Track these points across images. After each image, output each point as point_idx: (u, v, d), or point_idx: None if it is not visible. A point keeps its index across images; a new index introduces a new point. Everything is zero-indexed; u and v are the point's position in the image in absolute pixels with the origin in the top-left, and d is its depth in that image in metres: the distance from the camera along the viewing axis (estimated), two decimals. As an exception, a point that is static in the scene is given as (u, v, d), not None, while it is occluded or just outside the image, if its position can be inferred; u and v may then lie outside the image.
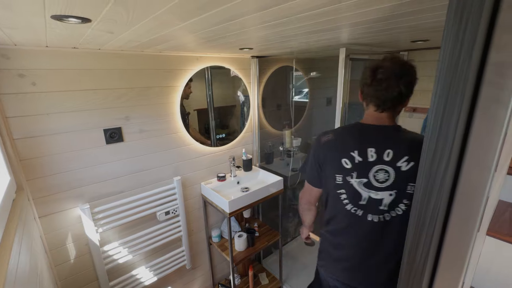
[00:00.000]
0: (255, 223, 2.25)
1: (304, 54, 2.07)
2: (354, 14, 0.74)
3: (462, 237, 0.45)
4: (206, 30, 0.90)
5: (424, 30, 1.03)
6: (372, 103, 0.96)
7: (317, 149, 1.06)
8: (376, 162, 0.92)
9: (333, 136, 1.03)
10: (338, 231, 1.04)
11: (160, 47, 1.32)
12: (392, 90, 0.90)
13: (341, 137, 1.01)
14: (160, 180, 1.72)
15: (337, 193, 1.00)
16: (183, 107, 1.76)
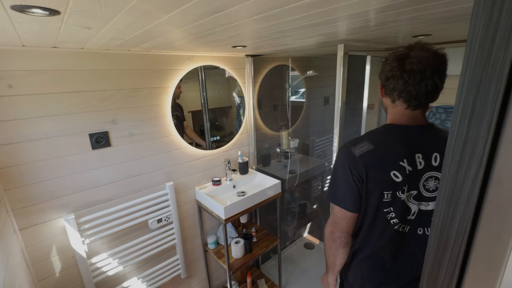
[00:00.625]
0: (253, 227, 2.18)
1: (300, 52, 2.00)
2: (350, 3, 0.67)
3: (492, 257, 0.38)
4: (193, 25, 0.82)
5: (427, 22, 0.96)
6: (402, 99, 0.82)
7: (352, 164, 0.83)
8: (425, 169, 0.81)
9: (371, 144, 0.83)
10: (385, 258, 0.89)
11: (147, 45, 1.24)
12: (426, 84, 0.76)
13: (382, 144, 0.84)
14: (152, 186, 1.63)
15: (383, 213, 0.84)
16: (179, 109, 1.68)
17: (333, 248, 0.94)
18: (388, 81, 0.83)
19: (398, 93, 0.82)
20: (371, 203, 0.84)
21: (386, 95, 0.88)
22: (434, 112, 1.80)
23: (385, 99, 0.90)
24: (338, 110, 1.39)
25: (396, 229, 0.85)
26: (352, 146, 0.85)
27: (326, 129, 2.82)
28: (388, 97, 0.87)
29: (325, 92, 2.75)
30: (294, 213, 2.68)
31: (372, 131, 0.90)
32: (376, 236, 0.88)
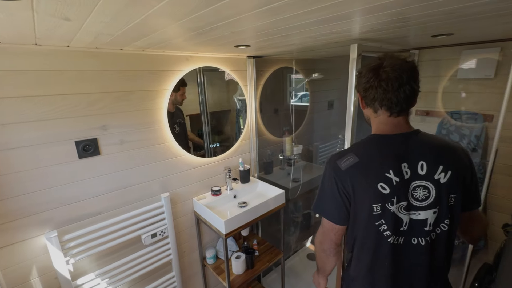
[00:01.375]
0: (254, 240, 2.04)
1: (305, 54, 1.89)
2: None
3: None
4: (192, 17, 0.70)
5: (462, 17, 0.85)
6: (384, 107, 0.82)
7: (338, 178, 0.83)
8: (412, 179, 0.79)
9: (356, 157, 0.82)
10: (382, 273, 0.86)
11: (141, 43, 1.11)
12: (404, 89, 0.77)
13: (366, 156, 0.83)
14: (145, 198, 1.50)
15: (375, 226, 0.81)
16: (180, 113, 1.56)
17: (323, 256, 0.97)
18: (367, 92, 0.83)
19: (380, 102, 0.81)
20: (361, 217, 0.83)
21: (367, 106, 0.87)
22: (449, 118, 1.69)
23: (367, 110, 0.89)
24: (350, 115, 1.27)
25: (391, 241, 0.82)
26: (338, 160, 0.84)
27: (330, 134, 2.70)
28: (369, 107, 0.87)
29: (329, 96, 2.64)
30: (298, 223, 2.55)
31: (357, 143, 0.89)
32: (371, 251, 0.85)
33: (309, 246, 2.90)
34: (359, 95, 0.89)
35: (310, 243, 2.91)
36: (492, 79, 1.51)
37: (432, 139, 0.83)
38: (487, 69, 1.50)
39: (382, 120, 0.84)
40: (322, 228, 0.93)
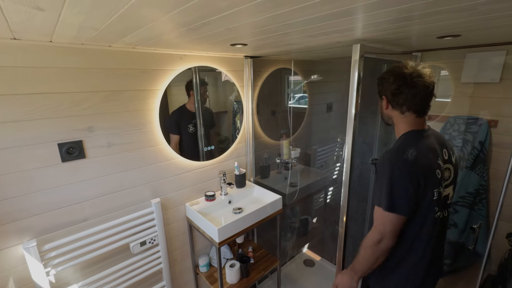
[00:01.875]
0: (250, 246, 1.97)
1: (303, 55, 1.83)
2: None
3: None
4: (182, 9, 0.63)
5: (473, 16, 0.79)
6: (412, 110, 0.96)
7: (413, 171, 0.88)
8: (442, 163, 0.96)
9: (417, 150, 0.90)
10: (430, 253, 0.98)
11: (131, 39, 1.04)
12: (430, 96, 0.95)
13: (422, 148, 0.92)
14: (135, 204, 1.41)
15: (434, 211, 0.93)
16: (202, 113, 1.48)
17: (376, 255, 0.95)
18: (396, 96, 0.96)
19: (408, 106, 0.95)
20: (423, 205, 0.91)
21: (393, 108, 1.00)
22: (452, 123, 1.63)
23: (391, 112, 1.01)
24: (351, 118, 1.21)
25: (437, 218, 0.95)
26: (404, 154, 0.90)
27: (329, 137, 2.64)
28: (395, 110, 0.99)
29: (328, 99, 2.58)
30: (295, 229, 2.48)
31: (405, 139, 0.97)
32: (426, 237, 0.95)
33: (305, 251, 2.83)
34: (385, 98, 1.01)
35: (307, 248, 2.84)
36: (498, 83, 1.46)
37: (436, 133, 1.03)
38: (493, 73, 1.45)
39: (410, 120, 0.97)
40: (383, 226, 0.92)
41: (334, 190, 2.69)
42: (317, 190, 2.34)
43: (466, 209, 1.61)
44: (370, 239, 0.95)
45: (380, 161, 0.97)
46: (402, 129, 0.99)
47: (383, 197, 0.90)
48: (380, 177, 0.93)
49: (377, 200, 0.93)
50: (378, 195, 0.93)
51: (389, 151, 0.97)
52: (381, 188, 0.91)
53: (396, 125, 1.02)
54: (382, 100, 1.04)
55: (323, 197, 2.66)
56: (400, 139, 0.98)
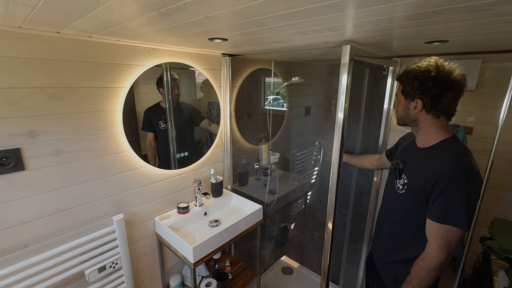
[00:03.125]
0: (227, 260, 1.82)
1: (285, 56, 1.73)
2: None
3: None
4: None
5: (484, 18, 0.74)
6: (446, 115, 0.95)
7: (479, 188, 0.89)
8: None
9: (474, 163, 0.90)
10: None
11: (83, 24, 0.84)
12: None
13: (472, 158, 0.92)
14: (91, 223, 1.19)
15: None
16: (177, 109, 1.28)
17: (435, 277, 0.90)
18: (437, 101, 0.91)
19: (445, 111, 0.92)
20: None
21: (429, 112, 0.94)
22: (431, 129, 1.64)
23: (423, 116, 0.96)
24: (340, 126, 1.12)
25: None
26: (477, 174, 0.87)
27: (307, 142, 2.59)
28: (429, 114, 0.95)
29: (306, 102, 2.53)
30: (273, 237, 2.38)
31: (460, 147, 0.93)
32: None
33: (283, 259, 2.74)
34: (420, 102, 0.94)
35: (285, 255, 2.75)
36: (474, 91, 1.50)
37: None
38: (469, 81, 1.47)
39: (444, 125, 0.96)
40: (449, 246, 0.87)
41: (313, 194, 2.64)
42: (297, 197, 2.26)
43: (443, 214, 1.63)
44: (436, 260, 0.88)
45: (447, 176, 0.87)
46: (437, 134, 0.96)
47: (456, 215, 0.85)
48: (448, 192, 0.86)
49: (439, 215, 0.88)
50: (441, 210, 0.87)
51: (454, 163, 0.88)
52: (448, 203, 0.86)
53: (427, 129, 0.98)
54: (411, 102, 0.97)
55: (302, 203, 2.59)
56: (453, 149, 0.92)
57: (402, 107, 1.02)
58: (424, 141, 1.00)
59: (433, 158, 0.94)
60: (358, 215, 2.09)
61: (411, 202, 0.99)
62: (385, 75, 1.73)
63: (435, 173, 0.89)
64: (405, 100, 1.00)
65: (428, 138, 0.98)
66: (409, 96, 0.97)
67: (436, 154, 0.94)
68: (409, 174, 1.01)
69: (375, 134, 1.83)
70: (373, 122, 1.88)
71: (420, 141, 1.03)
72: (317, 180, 2.71)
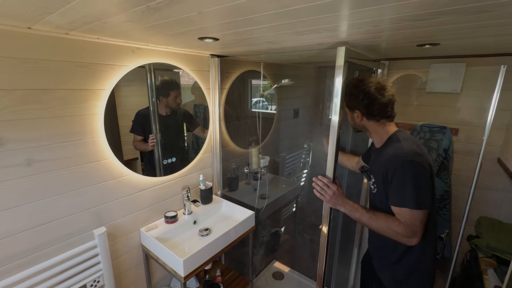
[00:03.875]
0: (218, 269, 1.74)
1: (275, 56, 1.70)
2: None
3: None
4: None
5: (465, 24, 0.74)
6: (385, 118, 1.08)
7: (429, 170, 0.97)
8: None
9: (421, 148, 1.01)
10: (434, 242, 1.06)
11: (58, 19, 0.76)
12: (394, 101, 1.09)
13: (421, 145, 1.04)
14: (70, 237, 1.09)
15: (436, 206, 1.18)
16: (175, 118, 1.18)
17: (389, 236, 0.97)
18: (370, 109, 1.07)
19: (382, 114, 1.07)
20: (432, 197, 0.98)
21: (369, 119, 1.09)
22: (419, 131, 1.67)
23: (366, 122, 1.11)
24: (335, 129, 1.10)
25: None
26: (420, 156, 0.96)
27: (296, 144, 2.58)
28: (370, 120, 1.10)
29: (294, 104, 2.51)
30: (263, 243, 2.32)
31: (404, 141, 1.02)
32: (433, 226, 1.04)
33: (274, 264, 2.70)
34: (359, 112, 1.10)
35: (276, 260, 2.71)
36: (459, 94, 1.54)
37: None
38: (454, 83, 1.52)
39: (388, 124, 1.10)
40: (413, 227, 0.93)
41: (302, 197, 2.62)
42: (287, 200, 2.22)
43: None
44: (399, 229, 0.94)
45: (393, 164, 0.97)
46: (384, 133, 1.10)
47: (407, 198, 0.93)
48: (400, 179, 0.95)
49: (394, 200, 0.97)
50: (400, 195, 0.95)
51: (397, 154, 0.98)
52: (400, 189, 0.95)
53: (375, 131, 1.12)
54: (353, 113, 1.12)
55: (292, 206, 2.57)
56: (396, 141, 1.03)
57: (350, 118, 1.17)
58: (377, 142, 1.14)
59: (385, 154, 1.06)
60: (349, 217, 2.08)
61: (383, 197, 1.07)
62: (374, 77, 1.74)
63: (386, 165, 1.01)
64: (350, 112, 1.14)
65: (379, 138, 1.12)
66: (351, 108, 1.13)
67: (386, 149, 1.06)
68: (374, 173, 1.13)
69: (364, 136, 1.84)
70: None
71: (375, 143, 1.16)
72: (306, 182, 2.70)
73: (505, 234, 1.43)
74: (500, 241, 1.40)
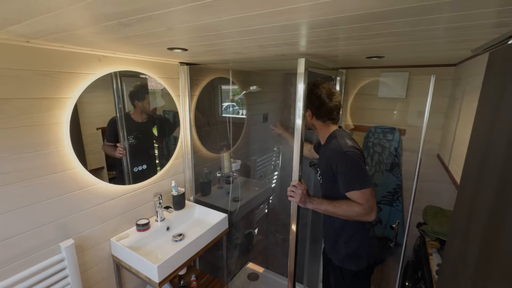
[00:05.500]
0: (192, 274, 1.75)
1: (243, 65, 1.78)
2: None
3: None
4: None
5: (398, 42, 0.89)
6: (330, 120, 1.26)
7: (361, 156, 1.16)
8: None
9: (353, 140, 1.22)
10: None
11: (23, 29, 0.75)
12: (340, 107, 1.29)
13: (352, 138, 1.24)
14: (35, 252, 1.04)
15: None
16: (149, 124, 1.15)
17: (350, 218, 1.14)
18: (319, 110, 1.24)
19: (328, 117, 1.25)
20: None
21: (317, 119, 1.27)
22: (373, 132, 1.87)
23: (315, 121, 1.28)
24: (299, 131, 1.20)
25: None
26: (350, 145, 1.17)
27: (266, 148, 2.68)
28: (318, 120, 1.27)
29: (263, 109, 2.62)
30: (237, 245, 2.37)
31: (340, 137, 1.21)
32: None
33: (248, 265, 2.75)
34: (310, 112, 1.26)
35: (250, 261, 2.76)
36: (404, 99, 1.76)
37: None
38: (400, 90, 1.74)
39: (330, 126, 1.28)
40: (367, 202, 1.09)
41: (274, 198, 2.73)
42: (260, 202, 2.30)
43: (388, 206, 1.85)
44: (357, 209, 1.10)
45: (334, 157, 1.17)
46: (327, 132, 1.29)
47: (353, 182, 1.11)
48: (343, 168, 1.14)
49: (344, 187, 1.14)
50: (347, 181, 1.13)
51: (335, 148, 1.17)
52: (345, 176, 1.13)
53: (320, 130, 1.30)
54: (306, 112, 1.26)
55: (264, 207, 2.65)
56: (334, 137, 1.23)
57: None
58: (322, 139, 1.33)
59: (327, 148, 1.25)
60: (316, 214, 2.22)
61: (328, 185, 1.26)
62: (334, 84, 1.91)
63: (329, 158, 1.20)
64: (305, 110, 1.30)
65: (322, 136, 1.31)
66: (306, 107, 1.25)
67: (327, 145, 1.25)
68: (320, 166, 1.31)
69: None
70: (325, 127, 2.04)
71: (321, 140, 1.35)
72: (278, 184, 2.81)
73: (445, 219, 1.66)
74: (442, 225, 1.61)
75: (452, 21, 0.63)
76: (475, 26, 0.68)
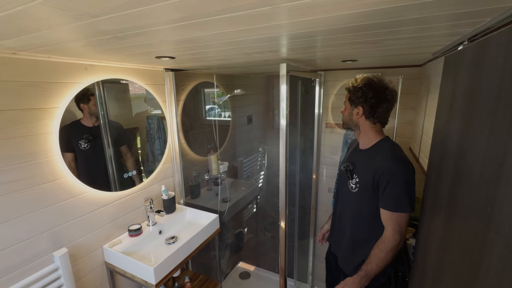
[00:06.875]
0: (186, 276, 1.78)
1: (227, 70, 1.84)
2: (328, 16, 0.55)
3: None
4: (113, 16, 0.51)
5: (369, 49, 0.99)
6: (381, 123, 1.11)
7: (413, 174, 1.03)
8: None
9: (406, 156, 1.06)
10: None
11: (13, 43, 0.77)
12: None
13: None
14: (29, 263, 1.04)
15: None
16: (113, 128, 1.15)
17: (391, 258, 1.02)
18: (373, 110, 1.06)
19: (380, 119, 1.09)
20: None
21: (367, 118, 1.10)
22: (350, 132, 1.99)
23: (363, 121, 1.11)
24: (284, 132, 1.28)
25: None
26: (409, 163, 1.03)
27: (252, 148, 2.75)
28: (368, 120, 1.10)
29: (248, 111, 2.69)
30: (228, 245, 2.42)
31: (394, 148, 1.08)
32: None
33: (240, 264, 2.80)
34: (361, 109, 1.09)
35: (241, 261, 2.82)
36: (378, 97, 1.89)
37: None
38: (374, 89, 1.87)
39: (379, 129, 1.13)
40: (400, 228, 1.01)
41: (261, 197, 2.80)
42: (248, 201, 2.37)
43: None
44: (392, 243, 1.00)
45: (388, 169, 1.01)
46: (374, 136, 1.12)
47: (402, 203, 0.99)
48: (393, 184, 0.99)
49: (389, 205, 1.01)
50: (391, 200, 1.01)
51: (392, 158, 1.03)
52: (395, 193, 1.00)
53: (366, 132, 1.13)
54: (354, 109, 1.11)
55: (252, 207, 2.72)
56: (386, 146, 1.09)
57: (347, 113, 1.15)
58: (365, 143, 1.15)
59: (374, 156, 1.08)
60: (303, 210, 2.33)
61: (364, 197, 1.10)
62: (313, 86, 2.02)
63: (377, 168, 1.03)
64: (350, 106, 1.13)
65: (368, 140, 1.13)
66: (353, 103, 1.11)
67: (375, 152, 1.09)
68: (359, 173, 1.12)
69: (311, 136, 2.10)
70: (308, 126, 2.15)
71: (362, 144, 1.17)
72: (264, 183, 2.89)
73: (418, 206, 1.81)
74: (416, 212, 1.76)
75: (414, 32, 0.74)
76: (433, 36, 0.79)
